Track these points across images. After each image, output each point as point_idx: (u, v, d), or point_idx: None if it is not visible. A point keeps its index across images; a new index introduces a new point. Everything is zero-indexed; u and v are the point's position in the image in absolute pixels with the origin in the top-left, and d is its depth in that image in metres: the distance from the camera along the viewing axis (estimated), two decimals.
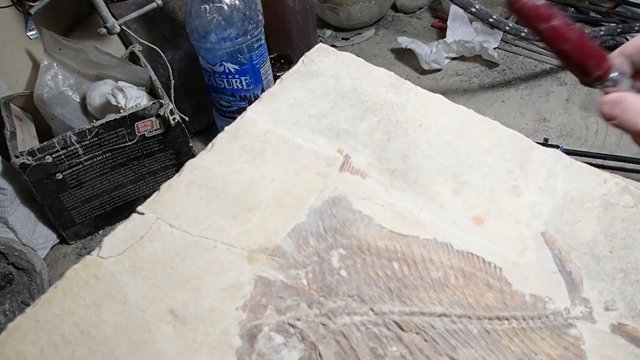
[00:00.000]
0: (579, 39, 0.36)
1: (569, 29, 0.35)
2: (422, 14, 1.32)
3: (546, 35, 0.36)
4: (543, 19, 0.35)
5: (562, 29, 0.35)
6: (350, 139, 0.48)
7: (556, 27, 0.35)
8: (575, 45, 0.36)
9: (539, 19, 0.35)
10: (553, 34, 0.36)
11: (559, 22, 0.35)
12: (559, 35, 0.36)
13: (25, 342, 0.34)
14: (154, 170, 0.85)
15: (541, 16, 0.35)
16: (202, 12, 0.81)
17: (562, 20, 0.35)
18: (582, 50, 0.36)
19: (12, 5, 0.77)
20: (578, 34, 0.36)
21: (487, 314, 0.36)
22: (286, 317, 0.36)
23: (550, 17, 0.35)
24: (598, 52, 0.37)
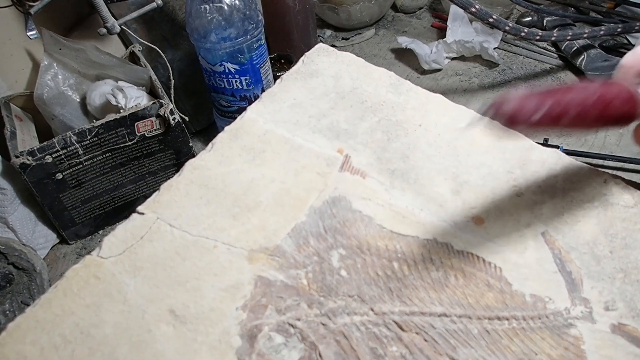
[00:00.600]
0: (586, 97, 0.30)
1: (566, 99, 0.30)
2: (422, 14, 1.32)
3: (557, 122, 0.30)
4: (536, 112, 0.29)
5: (563, 104, 0.30)
6: (350, 139, 0.48)
7: (553, 109, 0.29)
8: (590, 105, 0.30)
9: (531, 118, 0.29)
10: (559, 116, 0.30)
11: (551, 101, 0.29)
12: (565, 113, 0.30)
13: (25, 342, 0.34)
14: (154, 170, 0.85)
15: (530, 112, 0.29)
16: (202, 12, 0.81)
17: (555, 96, 0.30)
18: (602, 104, 0.31)
19: (12, 5, 0.77)
20: (581, 93, 0.30)
21: (487, 314, 0.36)
22: (286, 317, 0.36)
23: (541, 104, 0.29)
24: (620, 94, 0.31)
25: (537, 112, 0.29)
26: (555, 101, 0.29)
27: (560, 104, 0.29)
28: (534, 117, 0.28)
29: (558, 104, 0.29)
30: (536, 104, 0.29)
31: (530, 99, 0.29)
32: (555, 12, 1.12)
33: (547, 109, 0.29)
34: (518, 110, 0.28)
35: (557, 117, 0.29)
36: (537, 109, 0.29)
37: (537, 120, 0.29)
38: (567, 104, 0.29)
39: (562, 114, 0.29)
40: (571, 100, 0.30)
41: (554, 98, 0.29)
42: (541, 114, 0.29)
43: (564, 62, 1.11)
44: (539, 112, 0.29)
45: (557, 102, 0.29)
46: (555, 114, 0.29)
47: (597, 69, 1.03)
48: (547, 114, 0.29)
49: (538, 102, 0.29)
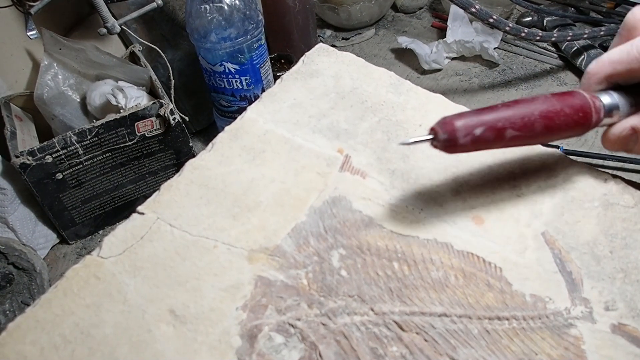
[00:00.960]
0: (531, 108, 0.29)
1: (509, 113, 0.29)
2: (422, 14, 1.32)
3: (499, 138, 0.29)
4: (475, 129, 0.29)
5: (505, 118, 0.29)
6: (350, 139, 0.48)
7: (495, 123, 0.28)
8: (536, 115, 0.29)
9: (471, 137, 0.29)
10: (504, 128, 0.29)
11: (492, 116, 0.28)
12: (507, 127, 0.29)
13: (25, 342, 0.34)
14: (154, 170, 0.85)
15: (469, 129, 0.28)
16: (202, 12, 0.81)
17: (495, 110, 0.29)
18: (549, 113, 0.29)
19: (12, 5, 0.77)
20: (526, 105, 0.29)
21: (488, 314, 0.36)
22: (286, 317, 0.36)
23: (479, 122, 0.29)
24: (571, 102, 0.31)
25: (476, 127, 0.28)
26: (496, 116, 0.28)
27: (502, 119, 0.28)
28: (474, 132, 0.27)
29: (499, 119, 0.28)
30: (475, 120, 0.28)
31: (468, 116, 0.28)
32: (555, 12, 1.12)
33: (489, 124, 0.28)
34: (456, 130, 0.27)
35: (499, 131, 0.28)
36: (477, 125, 0.28)
37: (477, 136, 0.28)
38: (509, 117, 0.29)
39: (503, 128, 0.28)
40: (514, 114, 0.29)
41: (494, 112, 0.29)
42: (482, 129, 0.28)
43: (564, 62, 1.11)
44: (478, 127, 0.28)
45: (498, 116, 0.28)
46: (498, 127, 0.28)
47: None
48: (489, 128, 0.28)
49: (477, 118, 0.28)
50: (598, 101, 0.32)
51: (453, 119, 0.28)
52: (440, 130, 0.28)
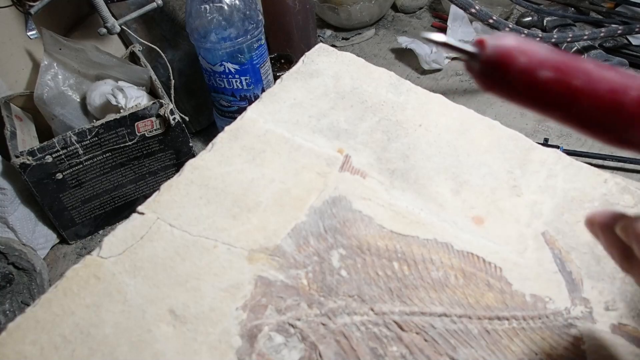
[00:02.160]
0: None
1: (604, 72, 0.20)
2: (422, 14, 1.32)
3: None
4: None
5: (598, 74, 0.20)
6: (350, 139, 0.48)
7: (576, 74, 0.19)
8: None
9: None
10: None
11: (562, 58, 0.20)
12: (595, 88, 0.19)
13: (25, 342, 0.34)
14: (154, 170, 0.85)
15: (538, 60, 0.19)
16: (202, 12, 0.81)
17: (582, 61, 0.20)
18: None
19: (12, 5, 0.77)
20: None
21: (488, 314, 0.36)
22: (286, 317, 0.35)
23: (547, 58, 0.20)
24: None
25: (544, 64, 0.19)
26: (576, 61, 0.20)
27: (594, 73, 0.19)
28: (540, 57, 0.19)
29: (580, 66, 0.19)
30: (550, 51, 0.19)
31: (541, 45, 0.20)
32: (555, 12, 1.12)
33: (568, 60, 0.19)
34: (515, 48, 0.19)
35: (569, 83, 0.19)
36: (547, 52, 0.19)
37: (542, 77, 0.19)
38: (596, 74, 0.19)
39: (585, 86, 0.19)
40: (609, 71, 0.20)
41: (576, 58, 0.20)
42: (550, 71, 0.19)
43: None
44: (547, 64, 0.19)
45: (580, 63, 0.19)
46: (571, 76, 0.19)
47: None
48: (565, 64, 0.19)
49: (553, 52, 0.19)
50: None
51: (514, 36, 0.20)
52: (492, 44, 0.19)
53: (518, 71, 0.19)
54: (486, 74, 0.20)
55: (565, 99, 0.19)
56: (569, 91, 0.19)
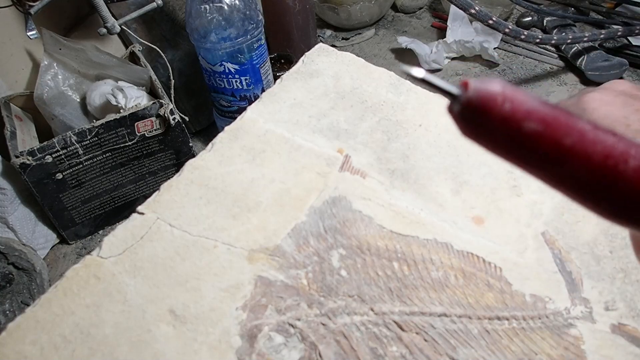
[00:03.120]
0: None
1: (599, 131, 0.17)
2: (422, 14, 1.32)
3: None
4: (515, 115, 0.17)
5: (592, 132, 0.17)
6: (350, 139, 0.48)
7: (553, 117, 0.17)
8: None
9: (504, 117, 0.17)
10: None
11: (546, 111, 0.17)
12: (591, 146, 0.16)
13: (25, 342, 0.34)
14: (154, 170, 0.85)
15: (523, 109, 0.17)
16: (202, 12, 0.81)
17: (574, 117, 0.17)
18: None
19: (12, 5, 0.77)
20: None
21: (487, 314, 0.36)
22: (286, 317, 0.35)
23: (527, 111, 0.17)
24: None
25: (534, 104, 0.16)
26: (569, 117, 0.17)
27: (585, 129, 0.17)
28: (525, 107, 0.16)
29: (574, 124, 0.17)
30: (539, 103, 0.17)
31: (530, 95, 0.17)
32: (555, 12, 1.12)
33: (559, 114, 0.16)
34: (499, 93, 0.16)
35: (557, 141, 0.16)
36: (536, 102, 0.17)
37: (528, 130, 0.16)
38: (592, 135, 0.17)
39: (579, 143, 0.16)
40: (604, 134, 0.17)
41: (569, 115, 0.17)
42: (537, 124, 0.16)
43: (564, 62, 1.11)
44: (537, 106, 0.16)
45: (573, 120, 0.17)
46: (561, 133, 0.16)
47: (597, 69, 1.03)
48: (553, 116, 0.16)
49: (542, 104, 0.17)
50: None
51: (502, 81, 0.17)
52: (476, 87, 0.17)
53: (501, 119, 0.16)
54: (466, 118, 0.17)
55: (551, 158, 0.17)
56: (557, 150, 0.16)
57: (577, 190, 0.18)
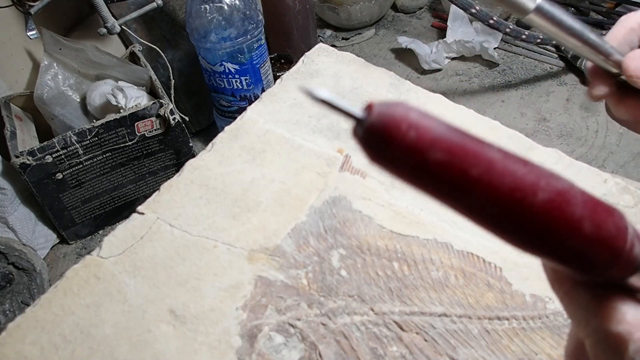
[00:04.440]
0: (544, 179, 0.16)
1: (501, 157, 0.16)
2: (422, 14, 1.32)
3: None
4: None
5: (495, 160, 0.16)
6: (350, 139, 0.48)
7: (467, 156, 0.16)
8: (545, 186, 0.16)
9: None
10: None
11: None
12: (488, 173, 0.16)
13: (25, 342, 0.34)
14: (154, 170, 0.85)
15: (426, 133, 0.16)
16: (202, 12, 0.81)
17: (478, 142, 0.16)
18: (570, 197, 0.17)
19: (12, 5, 0.77)
20: (539, 173, 0.16)
21: (487, 314, 0.36)
22: (286, 317, 0.35)
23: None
24: (606, 209, 0.17)
25: (438, 130, 0.16)
26: (478, 143, 0.16)
27: (487, 150, 0.16)
28: (429, 133, 0.15)
29: (482, 146, 0.16)
30: (442, 124, 0.16)
31: (438, 121, 0.16)
32: None
33: (462, 140, 0.16)
34: (403, 119, 0.15)
35: (470, 159, 0.16)
36: (440, 128, 0.16)
37: (430, 141, 0.15)
38: (497, 157, 0.16)
39: (478, 160, 0.16)
40: (507, 160, 0.16)
41: (479, 143, 0.16)
42: (445, 136, 0.16)
43: (564, 62, 1.11)
44: (441, 131, 0.16)
45: (481, 145, 0.16)
46: (471, 152, 0.16)
47: None
48: (456, 144, 0.16)
49: (445, 124, 0.16)
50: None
51: (408, 105, 0.16)
52: (379, 111, 0.16)
53: (404, 147, 0.15)
54: (369, 144, 0.16)
55: (458, 189, 0.16)
56: (464, 181, 0.16)
57: (485, 221, 0.17)
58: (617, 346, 0.17)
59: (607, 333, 0.17)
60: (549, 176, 0.17)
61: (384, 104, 0.16)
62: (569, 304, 0.19)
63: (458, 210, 0.17)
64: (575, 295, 0.19)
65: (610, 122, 0.99)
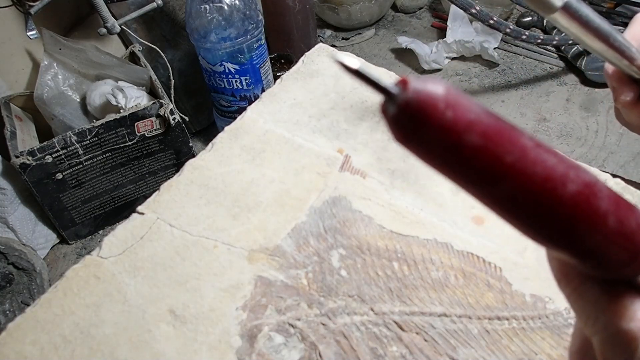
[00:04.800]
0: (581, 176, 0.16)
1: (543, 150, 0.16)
2: (422, 14, 1.32)
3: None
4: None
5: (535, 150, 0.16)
6: (350, 139, 0.48)
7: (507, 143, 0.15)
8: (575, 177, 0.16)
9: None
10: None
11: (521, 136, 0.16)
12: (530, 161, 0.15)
13: (25, 342, 0.34)
14: (154, 170, 0.85)
15: (468, 115, 0.15)
16: (202, 12, 0.81)
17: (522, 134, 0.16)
18: (598, 191, 0.16)
19: (12, 5, 0.77)
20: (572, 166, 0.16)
21: (487, 313, 0.36)
22: (286, 317, 0.36)
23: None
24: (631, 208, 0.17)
25: (476, 112, 0.15)
26: (513, 132, 0.15)
27: (522, 135, 0.16)
28: (467, 114, 0.15)
29: (518, 131, 0.16)
30: (483, 112, 0.15)
31: (475, 103, 0.15)
32: None
33: (498, 123, 0.15)
34: (449, 105, 0.15)
35: (499, 157, 0.15)
36: (478, 110, 0.15)
37: (468, 142, 0.15)
38: (533, 154, 0.16)
39: (514, 146, 0.15)
40: (542, 150, 0.16)
41: (513, 129, 0.16)
42: (479, 137, 0.15)
43: (564, 62, 1.11)
44: (478, 114, 0.15)
45: (517, 136, 0.16)
46: (503, 150, 0.15)
47: (597, 69, 1.03)
48: (494, 125, 0.15)
49: (487, 114, 0.15)
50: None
51: (446, 83, 0.15)
52: (416, 87, 0.15)
53: (440, 127, 0.15)
54: (401, 122, 0.15)
55: (489, 175, 0.15)
56: (497, 167, 0.15)
57: (512, 210, 0.16)
58: (627, 344, 0.17)
59: (617, 330, 0.17)
60: (577, 167, 0.16)
61: (419, 79, 0.15)
62: (578, 299, 0.19)
63: (485, 198, 0.16)
64: (584, 291, 0.18)
65: (610, 122, 0.99)
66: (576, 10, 0.21)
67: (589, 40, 0.23)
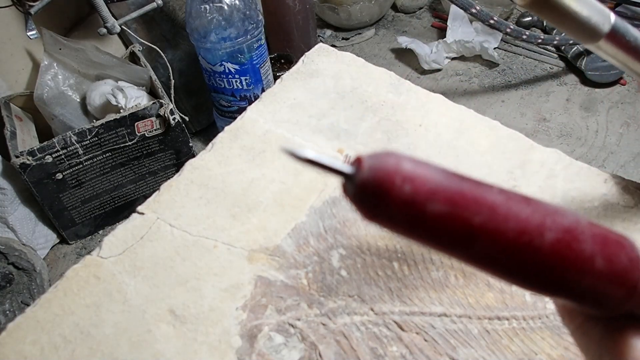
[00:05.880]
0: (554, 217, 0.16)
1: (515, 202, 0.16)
2: (422, 14, 1.32)
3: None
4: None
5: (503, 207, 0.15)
6: (350, 139, 0.48)
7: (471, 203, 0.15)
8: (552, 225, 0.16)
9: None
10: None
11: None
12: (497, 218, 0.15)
13: (25, 342, 0.34)
14: (154, 170, 0.85)
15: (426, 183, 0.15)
16: (202, 12, 0.81)
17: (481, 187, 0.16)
18: (578, 234, 0.16)
19: (12, 5, 0.77)
20: (542, 209, 0.16)
21: (487, 313, 0.36)
22: (286, 317, 0.36)
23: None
24: (616, 239, 0.17)
25: (436, 182, 0.15)
26: (480, 188, 0.15)
27: (490, 195, 0.15)
28: (426, 185, 0.15)
29: (484, 191, 0.15)
30: (444, 177, 0.15)
31: (433, 168, 0.15)
32: None
33: (461, 189, 0.15)
34: (397, 171, 0.15)
35: (467, 220, 0.15)
36: (438, 179, 0.15)
37: (432, 212, 0.15)
38: (502, 202, 0.15)
39: (482, 208, 0.15)
40: (511, 203, 0.16)
41: (478, 187, 0.16)
42: (445, 188, 0.15)
43: (564, 62, 1.11)
44: (440, 182, 0.15)
45: (483, 190, 0.15)
46: (470, 212, 0.15)
47: (597, 69, 1.03)
48: (457, 195, 0.15)
49: (442, 172, 0.15)
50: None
51: (399, 154, 0.15)
52: (370, 165, 0.15)
53: (401, 202, 0.14)
54: (362, 201, 0.15)
55: (460, 239, 0.15)
56: (466, 230, 0.15)
57: (492, 268, 0.16)
58: None
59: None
60: (554, 213, 0.16)
61: (373, 156, 0.15)
62: (582, 337, 0.19)
63: (463, 260, 0.16)
64: (587, 329, 0.18)
65: (610, 122, 0.99)
66: (624, 34, 0.20)
67: (636, 64, 0.21)
